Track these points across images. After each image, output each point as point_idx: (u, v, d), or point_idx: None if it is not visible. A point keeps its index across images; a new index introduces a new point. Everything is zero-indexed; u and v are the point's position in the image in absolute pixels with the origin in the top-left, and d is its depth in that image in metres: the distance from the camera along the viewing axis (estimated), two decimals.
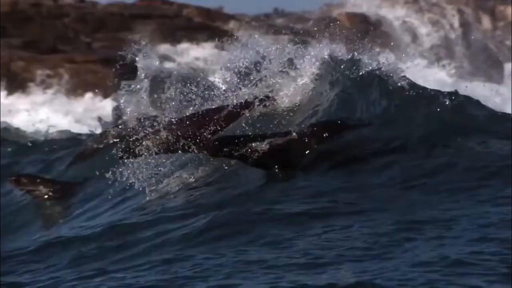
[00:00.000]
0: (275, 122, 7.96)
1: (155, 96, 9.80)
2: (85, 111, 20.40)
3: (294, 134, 7.39)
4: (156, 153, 7.40)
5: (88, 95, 22.02)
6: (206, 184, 7.67)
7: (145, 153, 7.37)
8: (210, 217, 6.52)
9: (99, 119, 10.83)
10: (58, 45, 24.98)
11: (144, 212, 7.28)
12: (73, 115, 19.57)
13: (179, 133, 7.32)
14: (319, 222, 6.19)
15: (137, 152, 7.39)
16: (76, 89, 22.76)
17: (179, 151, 7.44)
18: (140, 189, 7.76)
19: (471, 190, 6.57)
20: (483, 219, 5.88)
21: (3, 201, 9.13)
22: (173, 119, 7.47)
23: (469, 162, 7.04)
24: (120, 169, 7.74)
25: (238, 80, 8.37)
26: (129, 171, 7.61)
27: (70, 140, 10.94)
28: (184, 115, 7.54)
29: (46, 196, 9.06)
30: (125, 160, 7.48)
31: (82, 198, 8.50)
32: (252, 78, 8.38)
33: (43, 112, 19.61)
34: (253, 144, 7.30)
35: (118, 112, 10.42)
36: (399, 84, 8.09)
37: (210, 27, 8.94)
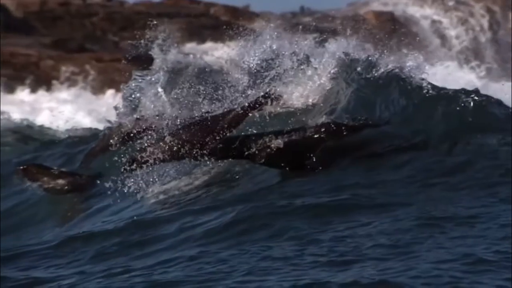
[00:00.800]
0: (291, 121, 7.92)
1: (170, 89, 9.62)
2: (109, 109, 20.45)
3: (306, 131, 7.34)
4: (161, 162, 7.37)
5: (113, 93, 22.09)
6: (228, 179, 7.67)
7: (151, 163, 7.33)
8: (233, 212, 6.52)
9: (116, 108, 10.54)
10: (86, 44, 25.13)
11: (166, 208, 7.28)
12: (97, 113, 19.64)
13: (184, 141, 7.29)
14: (341, 217, 6.20)
15: (143, 163, 7.36)
16: (102, 88, 22.88)
17: (185, 159, 7.41)
18: (161, 184, 7.75)
19: (492, 187, 6.55)
20: (504, 217, 5.86)
21: (25, 194, 9.05)
22: (178, 126, 7.42)
23: (490, 160, 7.02)
24: None
25: (252, 78, 8.37)
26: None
27: (93, 138, 10.95)
28: (189, 122, 7.46)
29: (59, 189, 8.86)
30: (132, 171, 7.42)
31: (100, 192, 8.38)
32: (268, 75, 8.37)
33: (67, 110, 19.68)
34: (264, 143, 7.25)
35: (128, 104, 10.18)
36: (419, 83, 8.08)
37: (236, 25, 8.92)
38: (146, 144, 7.42)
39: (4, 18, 25.24)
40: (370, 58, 8.47)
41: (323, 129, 7.37)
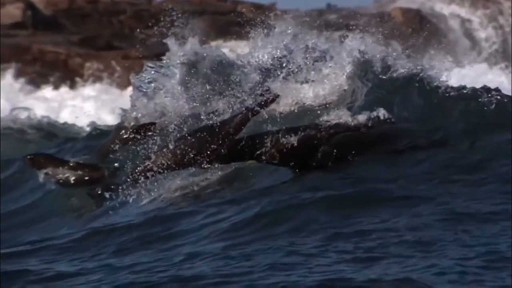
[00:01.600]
0: (306, 119, 7.89)
1: (184, 81, 9.43)
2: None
3: (323, 128, 7.27)
4: (166, 171, 7.34)
5: None
6: (246, 173, 7.65)
7: (156, 173, 7.31)
8: (256, 206, 6.52)
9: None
10: (113, 42, 25.26)
11: (187, 202, 7.26)
12: (121, 110, 19.66)
13: (188, 149, 7.27)
14: (364, 211, 6.20)
15: (147, 173, 7.35)
16: (127, 85, 22.99)
17: (190, 167, 7.39)
18: (180, 179, 7.71)
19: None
20: None
21: (45, 188, 8.92)
22: (182, 134, 7.42)
23: (509, 158, 6.98)
24: None
25: (266, 75, 8.34)
26: None
27: None
28: (193, 130, 7.46)
29: (73, 181, 8.52)
30: (136, 182, 7.38)
31: (119, 186, 8.12)
32: (281, 73, 8.36)
33: (92, 107, 19.76)
34: (278, 141, 7.14)
35: (139, 97, 9.84)
36: (439, 83, 8.06)
37: (260, 22, 8.93)
38: (150, 153, 7.39)
39: (34, 16, 25.45)
40: (389, 57, 8.44)
41: (341, 126, 7.35)
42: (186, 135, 7.42)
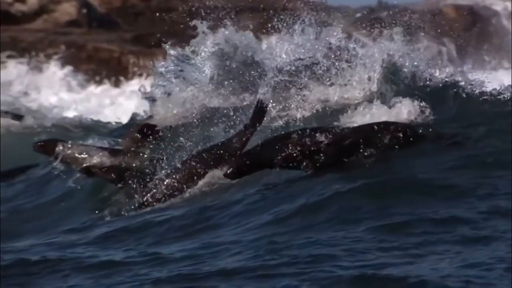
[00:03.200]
0: (331, 120, 7.81)
1: (208, 72, 9.24)
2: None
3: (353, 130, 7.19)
4: (175, 193, 7.42)
5: None
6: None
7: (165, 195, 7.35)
8: (302, 198, 6.50)
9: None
10: (166, 39, 25.42)
11: (231, 193, 7.22)
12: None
13: (197, 170, 7.42)
14: (407, 202, 6.17)
15: (159, 198, 7.43)
16: None
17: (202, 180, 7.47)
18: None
19: None
20: None
21: (79, 181, 8.72)
22: (190, 155, 7.46)
23: None
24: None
25: (294, 74, 8.30)
26: None
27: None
28: (201, 150, 7.52)
29: (98, 167, 8.38)
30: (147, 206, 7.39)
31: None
32: (315, 70, 8.31)
33: (135, 104, 19.86)
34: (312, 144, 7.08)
35: (159, 88, 9.56)
36: (477, 86, 8.00)
37: (308, 19, 9.00)
38: (158, 177, 7.48)
39: (88, 14, 25.80)
40: (419, 60, 8.34)
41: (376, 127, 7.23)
42: (192, 156, 7.55)
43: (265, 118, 7.70)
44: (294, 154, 7.00)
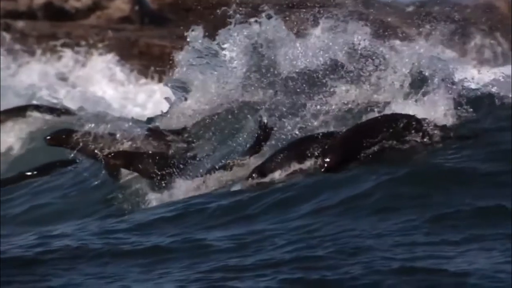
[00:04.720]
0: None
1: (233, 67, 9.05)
2: None
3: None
4: None
5: None
6: None
7: None
8: (343, 189, 6.46)
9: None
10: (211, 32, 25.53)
11: (269, 184, 7.06)
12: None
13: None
14: (452, 191, 6.14)
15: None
16: None
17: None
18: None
19: None
20: None
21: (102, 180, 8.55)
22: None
23: None
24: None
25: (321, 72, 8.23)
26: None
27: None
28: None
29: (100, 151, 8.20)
30: None
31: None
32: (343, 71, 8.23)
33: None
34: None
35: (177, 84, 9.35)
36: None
37: (364, 15, 8.96)
38: None
39: (141, 10, 26.06)
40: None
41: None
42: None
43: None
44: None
